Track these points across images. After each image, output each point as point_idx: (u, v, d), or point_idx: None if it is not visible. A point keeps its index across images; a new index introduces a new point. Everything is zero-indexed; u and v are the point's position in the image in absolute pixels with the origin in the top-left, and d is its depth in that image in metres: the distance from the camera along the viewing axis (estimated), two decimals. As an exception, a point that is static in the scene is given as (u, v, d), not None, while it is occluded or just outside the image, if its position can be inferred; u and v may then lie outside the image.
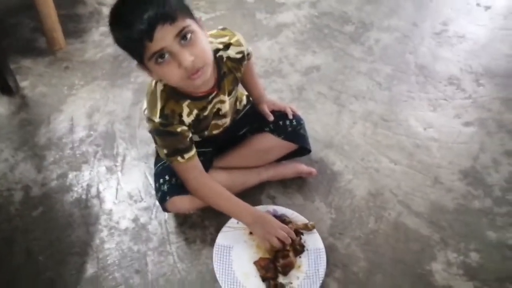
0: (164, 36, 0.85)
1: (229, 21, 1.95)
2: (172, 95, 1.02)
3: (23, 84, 1.71)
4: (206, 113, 1.09)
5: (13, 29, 1.96)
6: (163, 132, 1.03)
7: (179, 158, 1.06)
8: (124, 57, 1.82)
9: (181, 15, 0.88)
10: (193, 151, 1.09)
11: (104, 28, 1.98)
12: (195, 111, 1.06)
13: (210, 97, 1.07)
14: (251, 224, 1.12)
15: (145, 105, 1.07)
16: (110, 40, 1.87)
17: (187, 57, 0.88)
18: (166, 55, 0.88)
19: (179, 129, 1.04)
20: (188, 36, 0.89)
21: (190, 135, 1.07)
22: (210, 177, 1.14)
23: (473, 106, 1.53)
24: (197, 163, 1.11)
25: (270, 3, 2.09)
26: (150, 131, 1.09)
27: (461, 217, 1.21)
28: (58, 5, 1.80)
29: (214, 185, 1.13)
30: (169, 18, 0.85)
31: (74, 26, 1.98)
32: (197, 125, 1.11)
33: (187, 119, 1.05)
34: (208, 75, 0.97)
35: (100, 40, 1.91)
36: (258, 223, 1.10)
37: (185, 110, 1.04)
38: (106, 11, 2.06)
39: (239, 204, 1.12)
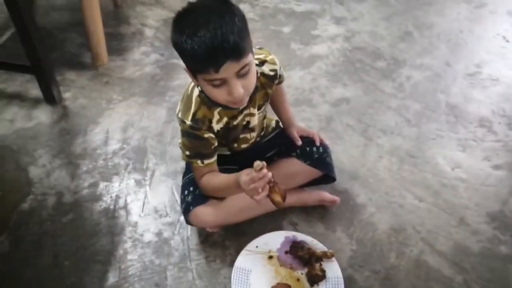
0: (228, 71, 0.92)
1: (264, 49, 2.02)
2: (206, 101, 1.08)
3: (66, 95, 1.81)
4: (235, 122, 1.14)
5: (61, 44, 2.09)
6: (192, 134, 1.09)
7: (198, 162, 1.12)
8: (161, 76, 1.90)
9: (247, 52, 0.94)
10: (214, 158, 1.14)
11: (144, 48, 2.08)
12: (225, 119, 1.11)
13: (241, 107, 1.11)
14: (240, 185, 1.03)
15: (179, 107, 1.13)
16: (149, 59, 2.00)
17: (239, 90, 0.95)
18: (220, 82, 0.94)
19: (206, 135, 1.09)
20: (246, 70, 0.95)
21: (216, 143, 1.13)
22: (216, 171, 1.17)
23: (504, 149, 1.51)
24: (214, 168, 1.16)
25: (305, 35, 2.15)
26: (180, 132, 1.14)
27: (485, 261, 1.19)
28: (105, 23, 1.91)
29: (217, 174, 1.16)
30: (238, 57, 0.91)
31: (117, 44, 2.09)
32: (227, 134, 1.15)
33: (216, 126, 1.10)
34: (246, 102, 1.04)
35: (140, 59, 2.01)
36: (242, 181, 1.02)
37: (216, 117, 1.10)
38: (148, 32, 2.17)
39: (230, 175, 1.09)
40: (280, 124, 1.39)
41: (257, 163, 0.96)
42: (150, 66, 1.97)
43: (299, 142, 1.27)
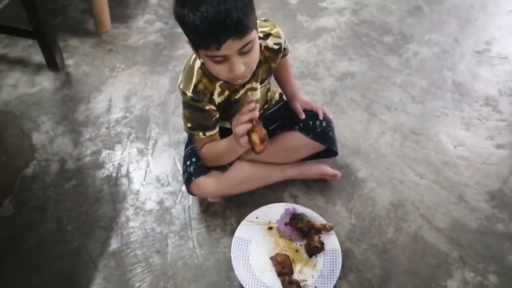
0: (231, 48, 0.90)
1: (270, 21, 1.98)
2: (208, 74, 1.06)
3: (68, 62, 1.79)
4: (237, 96, 1.13)
5: (64, 9, 2.06)
6: (193, 106, 1.09)
7: (200, 134, 1.13)
8: (164, 45, 1.88)
9: (250, 30, 0.91)
10: (215, 130, 1.14)
11: (148, 16, 2.05)
12: (226, 92, 1.10)
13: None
14: (234, 137, 1.04)
15: (181, 77, 1.12)
16: (153, 28, 1.97)
17: (241, 68, 0.94)
18: (222, 59, 0.93)
19: (207, 107, 1.09)
20: (249, 47, 0.93)
21: (217, 115, 1.12)
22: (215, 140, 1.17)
23: (508, 129, 1.50)
24: (215, 139, 1.16)
25: (313, 7, 2.11)
26: (182, 104, 1.14)
27: (482, 238, 1.20)
28: (108, -11, 1.88)
29: (216, 141, 1.16)
30: (241, 34, 0.89)
31: (121, 11, 2.06)
32: (228, 107, 1.15)
33: (217, 99, 1.10)
34: (248, 78, 1.03)
35: (144, 27, 1.98)
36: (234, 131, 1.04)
37: (217, 90, 1.09)
38: (153, 0, 2.13)
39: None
40: (284, 97, 1.38)
41: (250, 100, 0.98)
42: (154, 35, 1.94)
43: (303, 116, 1.26)
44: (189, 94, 1.06)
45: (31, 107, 1.60)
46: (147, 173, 1.39)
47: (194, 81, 1.07)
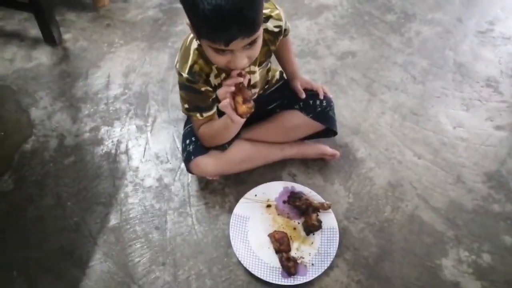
0: (237, 44, 0.88)
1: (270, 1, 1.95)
2: (204, 55, 1.04)
3: (66, 36, 1.77)
4: None
5: (60, -18, 2.01)
6: (188, 87, 1.07)
7: (198, 115, 1.12)
8: (163, 21, 1.85)
9: (259, 27, 0.89)
10: (213, 111, 1.13)
11: (147, -10, 2.01)
12: (223, 75, 1.09)
13: None
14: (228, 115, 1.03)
15: (177, 57, 1.10)
16: (151, 2, 1.93)
17: (243, 62, 0.93)
18: (225, 52, 0.91)
19: (203, 88, 1.07)
20: (254, 41, 0.91)
21: (214, 95, 1.11)
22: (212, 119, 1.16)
23: (508, 110, 1.50)
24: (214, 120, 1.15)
25: (314, -17, 2.07)
26: (178, 84, 1.12)
27: (478, 218, 1.22)
28: (106, -37, 1.84)
29: (213, 121, 1.15)
30: (251, 33, 0.87)
31: (118, -15, 2.02)
32: None
33: (214, 81, 1.08)
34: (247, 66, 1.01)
35: (143, 2, 1.95)
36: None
37: (214, 72, 1.07)
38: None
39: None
40: (284, 75, 1.36)
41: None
42: (153, 10, 1.91)
43: (303, 95, 1.25)
44: (185, 75, 1.05)
45: (28, 82, 1.58)
46: (146, 150, 1.39)
47: (190, 62, 1.04)
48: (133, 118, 1.48)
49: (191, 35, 1.07)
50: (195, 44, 1.05)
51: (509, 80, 1.61)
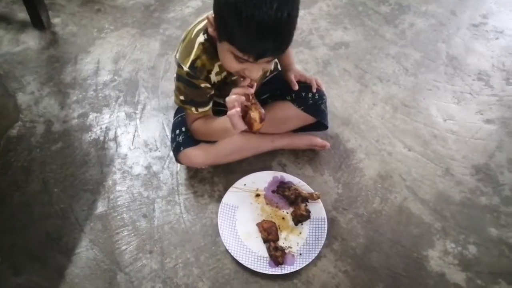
0: (265, 60, 0.89)
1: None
2: (209, 51, 1.03)
3: (55, 21, 1.73)
4: (234, 77, 1.11)
5: (50, -35, 1.97)
6: (188, 81, 1.05)
7: (193, 109, 1.10)
8: (155, 7, 1.82)
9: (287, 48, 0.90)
10: (208, 106, 1.12)
11: (139, -25, 1.97)
12: (224, 73, 1.08)
13: None
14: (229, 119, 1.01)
15: (178, 47, 1.08)
16: (144, -12, 1.89)
17: (257, 74, 0.93)
18: (244, 61, 0.90)
19: (202, 85, 1.06)
20: (273, 59, 0.93)
21: (212, 92, 1.09)
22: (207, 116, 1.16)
23: (498, 104, 1.51)
24: (208, 115, 1.14)
25: (308, -28, 2.04)
26: (176, 75, 1.10)
27: (465, 210, 1.22)
28: None
29: (208, 118, 1.15)
30: (281, 53, 0.90)
31: (109, -30, 1.98)
32: (223, 88, 1.12)
33: (214, 78, 1.07)
34: None
35: (134, -13, 1.91)
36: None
37: (215, 69, 1.06)
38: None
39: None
40: (279, 66, 1.35)
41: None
42: (144, -5, 1.87)
43: (296, 87, 1.23)
44: (186, 68, 1.03)
45: (15, 67, 1.55)
46: (135, 138, 1.37)
47: (192, 56, 1.02)
48: (122, 105, 1.46)
49: (198, 28, 1.04)
50: (201, 38, 1.03)
51: (500, 74, 1.61)
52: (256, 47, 0.85)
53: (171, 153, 1.29)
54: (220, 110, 1.22)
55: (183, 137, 1.20)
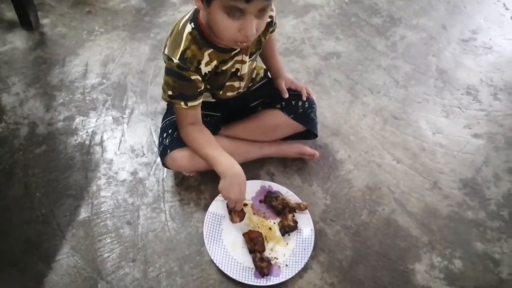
0: (256, 5, 0.87)
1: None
2: (197, 40, 1.01)
3: (44, 21, 1.70)
4: (225, 67, 1.09)
5: (41, -35, 1.94)
6: (177, 74, 1.03)
7: (182, 103, 1.07)
8: (146, 11, 1.81)
9: None
10: (198, 101, 1.10)
11: (131, -22, 1.95)
12: (214, 62, 1.06)
13: (233, 52, 1.07)
14: (221, 173, 1.08)
15: (166, 43, 1.06)
16: (136, -9, 1.88)
17: (253, 30, 0.91)
18: (238, 14, 0.88)
19: (193, 77, 1.04)
20: (265, 12, 0.91)
21: (202, 87, 1.07)
22: (204, 127, 1.14)
23: (486, 119, 1.52)
24: (197, 113, 1.12)
25: (302, -18, 2.05)
26: (165, 70, 1.08)
27: (452, 224, 1.22)
28: None
29: (205, 133, 1.13)
30: None
31: (102, -28, 1.96)
32: (214, 79, 1.11)
33: (204, 69, 1.05)
34: (249, 44, 1.00)
35: (126, -10, 1.89)
36: (228, 177, 1.07)
37: (205, 59, 1.04)
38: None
39: (223, 154, 1.10)
40: (269, 73, 1.34)
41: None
42: (136, -1, 1.86)
43: (286, 95, 1.23)
44: (176, 60, 1.00)
45: (1, 66, 1.52)
46: (122, 143, 1.35)
47: (182, 47, 1.01)
48: (110, 109, 1.43)
49: (184, 20, 1.04)
50: (188, 28, 1.02)
51: (488, 89, 1.62)
52: None
53: (158, 160, 1.27)
54: (208, 114, 1.21)
55: (170, 139, 1.18)
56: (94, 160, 1.30)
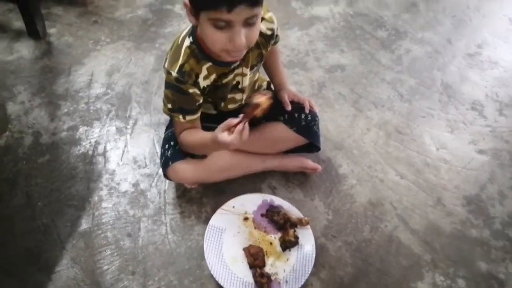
0: (240, 14, 0.86)
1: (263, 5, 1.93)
2: (196, 54, 1.02)
3: (51, 31, 1.72)
4: (224, 81, 1.09)
5: (49, -26, 1.96)
6: (176, 87, 1.03)
7: (180, 117, 1.08)
8: (152, 22, 1.82)
9: (261, 3, 0.89)
10: (196, 115, 1.10)
11: (138, -11, 1.97)
12: (213, 76, 1.06)
13: (233, 66, 1.07)
14: (213, 141, 0.98)
15: (166, 56, 1.07)
16: (142, 2, 1.90)
17: (242, 39, 0.90)
18: (225, 25, 0.88)
19: (191, 90, 1.04)
20: (254, 20, 0.90)
21: (200, 100, 1.08)
22: (196, 128, 1.13)
23: (491, 135, 1.50)
24: (196, 125, 1.12)
25: (308, -6, 2.06)
26: (165, 83, 1.08)
27: (455, 242, 1.21)
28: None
29: (197, 130, 1.12)
30: (254, 3, 0.86)
31: (109, -18, 1.98)
32: (214, 92, 1.11)
33: (203, 82, 1.05)
34: (242, 55, 0.99)
35: (133, 1, 1.91)
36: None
37: (203, 73, 1.04)
38: (143, -28, 2.05)
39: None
40: (272, 85, 1.34)
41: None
42: (143, 9, 1.87)
43: (289, 107, 1.23)
44: (174, 74, 1.02)
45: (7, 75, 1.53)
46: (125, 153, 1.35)
47: (180, 61, 1.02)
48: (114, 119, 1.44)
49: (183, 34, 1.05)
50: (187, 42, 1.03)
51: (494, 105, 1.61)
52: (225, 0, 0.84)
53: (160, 171, 1.27)
54: (210, 126, 1.20)
55: (172, 151, 1.18)
56: (97, 171, 1.30)
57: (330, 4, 2.02)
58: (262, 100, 0.91)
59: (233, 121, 0.92)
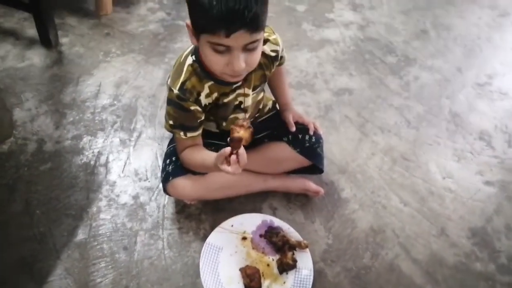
0: (238, 40, 0.86)
1: (274, 25, 1.93)
2: (198, 72, 1.02)
3: (63, 40, 1.74)
4: (226, 100, 1.09)
5: (66, -14, 2.01)
6: (177, 104, 1.03)
7: (181, 133, 1.08)
8: (163, 36, 1.84)
9: (261, 28, 0.88)
10: (198, 132, 1.09)
11: (151, 3, 2.01)
12: (215, 95, 1.06)
13: (234, 86, 1.07)
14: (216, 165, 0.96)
15: (170, 73, 1.08)
16: (154, 16, 1.92)
17: (241, 64, 0.90)
18: (224, 50, 0.88)
19: (192, 108, 1.04)
20: (254, 45, 0.90)
21: (202, 117, 1.07)
22: (199, 146, 1.12)
23: (499, 166, 1.48)
24: (197, 142, 1.11)
25: (319, 17, 2.08)
26: (167, 100, 1.08)
27: (459, 275, 1.17)
28: (113, -28, 1.84)
29: (199, 148, 1.11)
30: (253, 29, 0.85)
31: (124, -4, 2.02)
32: (215, 110, 1.10)
33: (204, 100, 1.05)
34: (243, 77, 0.99)
35: (145, 15, 1.94)
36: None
37: (205, 91, 1.04)
38: (158, -12, 2.09)
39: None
40: (277, 105, 1.34)
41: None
42: (155, 24, 1.90)
43: (293, 128, 1.22)
44: (176, 91, 1.02)
45: (17, 82, 1.55)
46: (126, 165, 1.34)
47: (182, 78, 1.02)
48: (118, 131, 1.44)
49: (187, 51, 1.05)
50: (190, 60, 1.03)
51: (503, 136, 1.59)
52: (223, 23, 0.83)
53: (161, 185, 1.26)
54: (212, 143, 1.20)
55: (173, 166, 1.17)
56: (97, 181, 1.29)
57: (341, 27, 2.03)
58: (241, 133, 0.90)
59: (226, 151, 0.91)
